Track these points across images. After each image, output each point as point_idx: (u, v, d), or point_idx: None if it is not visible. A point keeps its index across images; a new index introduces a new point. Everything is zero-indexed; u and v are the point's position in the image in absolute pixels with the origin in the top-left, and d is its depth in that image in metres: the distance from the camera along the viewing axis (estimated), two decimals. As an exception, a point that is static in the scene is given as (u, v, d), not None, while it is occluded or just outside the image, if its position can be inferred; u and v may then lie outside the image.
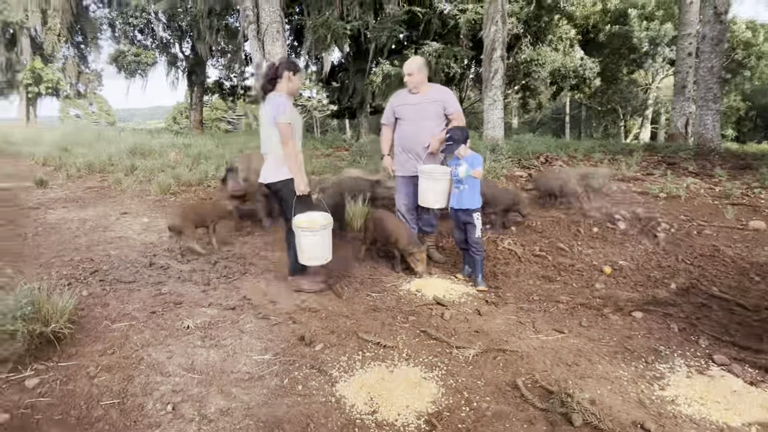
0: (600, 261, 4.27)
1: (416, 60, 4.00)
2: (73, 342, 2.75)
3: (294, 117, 3.47)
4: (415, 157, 4.02)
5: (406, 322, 3.13)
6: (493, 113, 12.17)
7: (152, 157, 10.16)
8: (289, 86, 3.49)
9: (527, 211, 5.23)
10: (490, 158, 9.02)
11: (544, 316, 3.22)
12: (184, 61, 19.54)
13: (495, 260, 4.34)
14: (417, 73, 3.95)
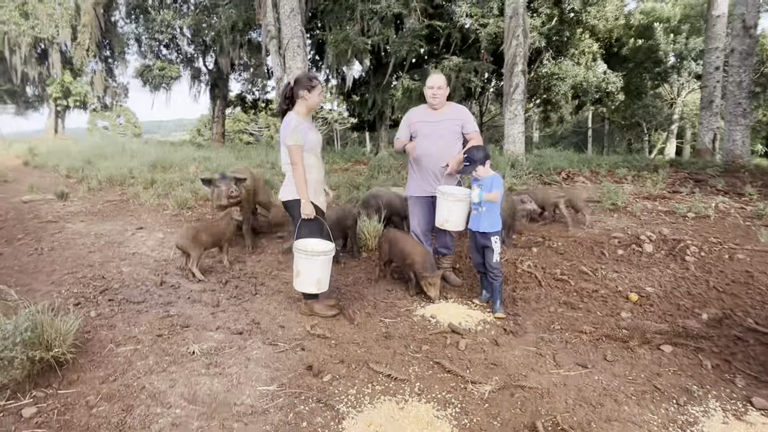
0: (625, 287, 4.06)
1: (441, 75, 3.91)
2: (75, 367, 2.68)
3: (308, 136, 3.40)
4: (433, 177, 3.90)
5: (420, 351, 2.99)
6: (513, 128, 12.03)
7: (172, 171, 10.26)
8: (306, 104, 3.46)
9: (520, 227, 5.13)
10: (510, 174, 8.85)
11: (565, 348, 3.04)
12: (207, 74, 19.86)
13: (514, 284, 4.17)
14: (445, 88, 3.87)
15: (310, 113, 3.56)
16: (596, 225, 5.85)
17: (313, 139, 3.47)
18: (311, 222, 3.43)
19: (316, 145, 3.50)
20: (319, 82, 3.50)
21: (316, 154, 3.51)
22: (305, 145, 3.37)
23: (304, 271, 3.27)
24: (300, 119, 3.43)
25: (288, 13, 12.06)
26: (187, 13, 17.56)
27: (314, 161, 3.48)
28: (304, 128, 3.41)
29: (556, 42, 17.25)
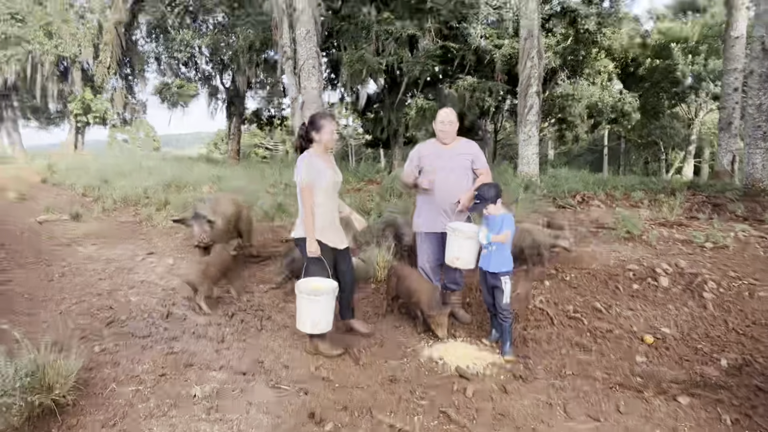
0: (640, 326, 3.93)
1: (452, 110, 3.89)
2: (75, 410, 2.65)
3: (320, 174, 3.43)
4: (442, 213, 3.84)
5: (426, 398, 2.91)
6: (527, 149, 11.94)
7: (186, 190, 10.35)
8: (320, 143, 3.52)
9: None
10: (524, 197, 8.75)
11: (577, 397, 2.93)
12: (224, 92, 20.16)
13: (525, 321, 4.07)
14: (455, 122, 3.84)
15: (328, 150, 3.58)
16: (611, 255, 5.72)
17: (327, 177, 3.47)
18: (317, 261, 3.41)
19: (329, 185, 3.50)
20: (328, 120, 3.52)
21: (328, 192, 3.50)
22: (317, 183, 3.40)
23: (303, 311, 3.24)
24: (314, 158, 3.47)
25: (304, 35, 12.20)
26: (206, 32, 17.89)
27: (323, 200, 3.47)
28: (318, 167, 3.44)
29: (571, 62, 17.20)
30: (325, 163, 3.51)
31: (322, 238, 3.47)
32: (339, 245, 3.61)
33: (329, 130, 3.49)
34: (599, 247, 6.21)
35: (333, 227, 3.57)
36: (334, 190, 3.58)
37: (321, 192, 3.44)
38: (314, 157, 3.47)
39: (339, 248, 3.61)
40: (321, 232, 3.47)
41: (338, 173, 3.65)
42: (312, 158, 3.45)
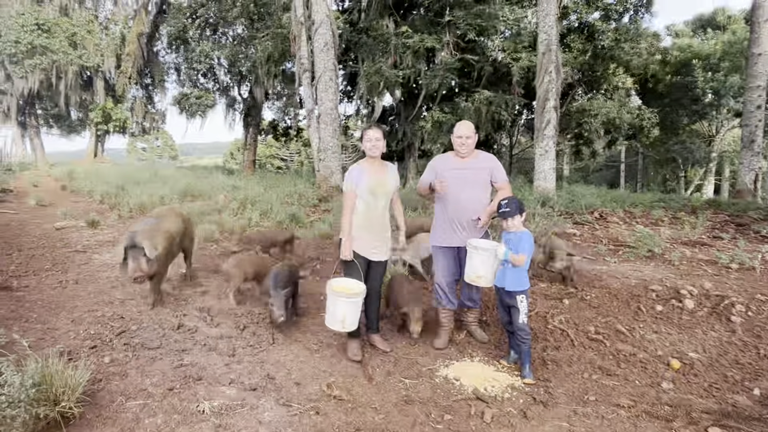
0: (666, 350, 3.77)
1: (470, 124, 3.80)
2: (81, 423, 2.58)
3: (359, 181, 3.55)
4: (459, 228, 3.75)
5: (441, 421, 2.79)
6: (544, 164, 11.81)
7: (201, 199, 10.38)
8: (365, 151, 3.68)
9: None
10: (541, 213, 8.61)
11: (601, 426, 2.79)
12: (241, 103, 20.37)
13: (544, 342, 3.93)
14: (473, 137, 3.75)
15: (372, 158, 3.66)
16: (632, 274, 5.56)
17: (363, 184, 3.56)
18: (348, 263, 3.58)
19: (364, 191, 3.57)
20: (367, 130, 3.68)
21: (364, 199, 3.59)
22: (355, 190, 3.56)
23: (331, 307, 3.37)
24: (360, 166, 3.64)
25: (321, 47, 12.27)
26: (225, 44, 18.14)
27: (360, 206, 3.59)
28: (355, 174, 3.58)
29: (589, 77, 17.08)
30: (367, 171, 3.60)
31: (353, 245, 3.57)
32: (370, 256, 3.63)
33: (367, 138, 3.62)
34: (620, 266, 6.06)
35: (367, 236, 3.60)
36: (372, 197, 3.59)
37: (359, 199, 3.59)
38: (359, 165, 3.64)
39: (371, 258, 3.64)
40: (354, 240, 3.57)
41: (386, 183, 3.65)
42: (357, 166, 3.64)
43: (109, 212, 9.00)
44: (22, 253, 6.07)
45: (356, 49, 16.44)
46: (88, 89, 19.07)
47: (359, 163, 3.68)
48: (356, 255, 3.58)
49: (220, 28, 18.59)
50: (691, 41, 19.92)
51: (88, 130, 20.32)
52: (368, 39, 15.81)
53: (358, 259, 3.59)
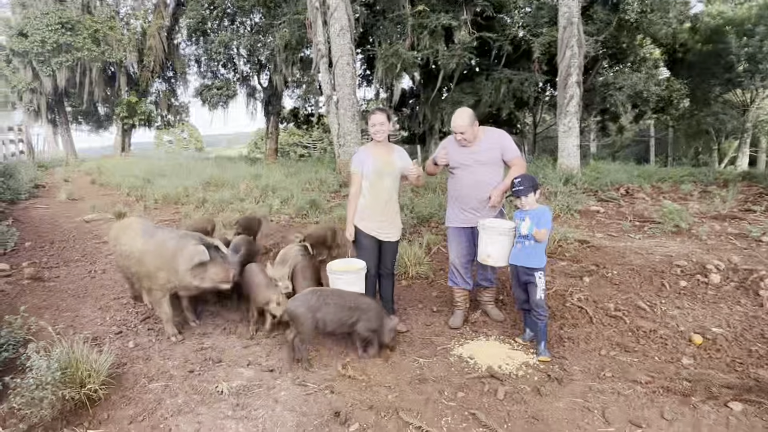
0: (688, 326, 3.69)
1: (464, 113, 3.63)
2: (107, 404, 2.70)
3: (364, 163, 3.59)
4: (471, 208, 3.71)
5: (454, 399, 2.81)
6: (568, 141, 11.54)
7: (225, 189, 10.55)
8: (370, 132, 3.71)
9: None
10: (564, 191, 8.45)
11: (617, 401, 2.76)
12: (261, 92, 20.48)
13: (562, 320, 3.89)
14: (469, 128, 3.62)
15: (377, 142, 3.67)
16: (657, 250, 5.43)
17: (369, 166, 3.59)
18: (358, 245, 3.70)
19: (371, 173, 3.60)
20: (373, 114, 3.66)
21: (371, 181, 3.61)
22: (362, 172, 3.60)
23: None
24: (366, 148, 3.69)
25: (337, 32, 12.19)
26: (243, 33, 18.19)
27: (367, 188, 3.63)
28: (362, 157, 3.62)
29: (614, 49, 16.51)
30: (373, 153, 3.63)
31: (360, 225, 3.64)
32: (380, 236, 3.66)
33: (371, 122, 3.63)
34: (645, 242, 5.92)
35: (376, 216, 3.63)
36: (378, 176, 3.59)
37: (365, 180, 3.61)
38: (366, 147, 3.69)
39: (381, 239, 3.67)
40: (361, 220, 3.64)
41: (392, 164, 3.65)
42: (363, 149, 3.69)
43: (135, 204, 9.24)
44: (54, 245, 6.30)
45: (373, 32, 16.28)
46: (112, 84, 19.45)
47: (365, 146, 3.70)
48: (366, 235, 3.62)
49: (238, 18, 18.62)
50: (723, 7, 18.99)
51: (114, 125, 20.77)
52: (385, 21, 15.63)
53: (367, 239, 3.63)
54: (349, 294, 3.31)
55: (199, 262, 3.28)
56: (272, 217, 7.68)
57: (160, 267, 3.36)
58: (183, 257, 3.29)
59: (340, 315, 3.17)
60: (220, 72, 19.99)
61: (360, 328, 3.21)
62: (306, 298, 3.17)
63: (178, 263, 3.31)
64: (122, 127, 19.79)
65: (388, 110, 3.82)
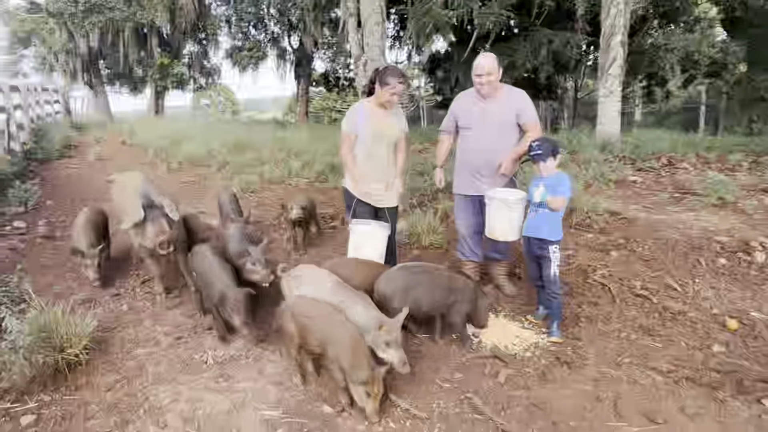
0: (723, 309, 3.32)
1: (490, 57, 3.32)
2: (87, 369, 2.61)
3: (360, 127, 3.30)
4: (477, 175, 3.39)
5: (450, 380, 2.59)
6: (608, 106, 10.85)
7: (249, 151, 10.44)
8: (377, 97, 3.33)
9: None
10: (597, 159, 7.93)
11: (632, 391, 2.48)
12: (292, 54, 20.15)
13: (581, 297, 3.58)
14: (495, 72, 3.29)
15: (383, 106, 3.34)
16: (695, 225, 4.99)
17: (366, 128, 3.31)
18: (357, 209, 3.41)
19: (367, 138, 3.33)
20: (396, 79, 3.23)
21: (366, 145, 3.35)
22: (357, 133, 3.32)
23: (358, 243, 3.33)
24: (363, 108, 3.37)
25: (366, -11, 11.68)
26: (273, -9, 17.80)
27: (361, 152, 3.37)
28: (358, 118, 3.32)
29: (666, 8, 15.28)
30: (371, 115, 3.32)
31: (355, 191, 3.38)
32: (375, 203, 3.42)
33: (391, 92, 3.23)
34: (683, 216, 5.47)
35: (371, 182, 3.36)
36: (376, 144, 3.35)
37: (360, 143, 3.35)
38: (362, 107, 3.37)
39: (376, 206, 3.44)
40: (354, 184, 3.39)
41: (390, 128, 3.37)
42: (359, 108, 3.37)
43: (160, 165, 9.25)
44: (74, 204, 6.33)
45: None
46: (145, 46, 19.49)
47: (364, 104, 3.36)
48: (360, 203, 3.37)
49: (269, -25, 18.22)
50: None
51: (148, 88, 20.94)
52: (417, -23, 14.89)
53: (362, 206, 3.39)
54: (444, 271, 3.00)
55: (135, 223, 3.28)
56: (289, 182, 7.53)
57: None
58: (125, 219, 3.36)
59: (436, 295, 2.85)
60: (251, 33, 19.73)
61: (454, 311, 2.89)
62: (397, 276, 2.85)
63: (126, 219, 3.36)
64: (155, 89, 19.93)
65: (409, 78, 3.46)
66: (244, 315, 2.72)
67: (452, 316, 2.90)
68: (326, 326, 2.38)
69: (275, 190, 7.11)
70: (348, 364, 2.22)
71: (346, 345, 2.26)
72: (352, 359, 2.22)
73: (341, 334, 2.31)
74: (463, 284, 2.94)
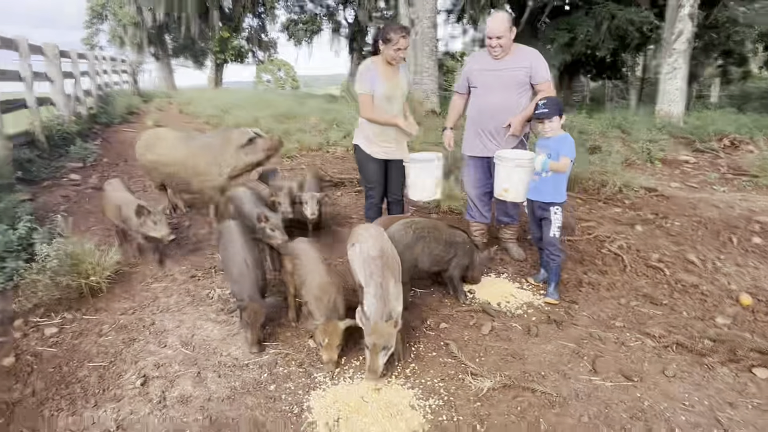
0: (741, 285, 3.18)
1: (502, 17, 3.26)
2: (108, 296, 2.90)
3: (374, 85, 3.30)
4: (489, 136, 3.37)
5: (436, 329, 2.66)
6: (671, 83, 10.25)
7: (294, 121, 10.72)
8: (383, 55, 3.34)
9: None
10: (647, 137, 7.56)
11: (616, 351, 2.45)
12: (347, 28, 20.26)
13: (590, 265, 3.51)
14: (507, 33, 3.24)
15: (390, 63, 3.36)
16: (739, 204, 4.72)
17: (379, 88, 3.33)
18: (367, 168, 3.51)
19: (380, 96, 3.35)
20: (398, 34, 3.24)
21: (379, 103, 3.36)
22: (373, 94, 3.33)
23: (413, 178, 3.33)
24: (371, 67, 3.37)
25: (417, -42, 11.51)
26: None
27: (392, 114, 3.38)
28: (369, 77, 3.33)
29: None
30: (382, 74, 3.34)
31: (368, 148, 3.44)
32: (387, 156, 3.48)
33: (395, 47, 3.25)
34: (728, 196, 5.19)
35: (382, 138, 3.42)
36: (388, 102, 3.38)
37: (388, 104, 3.36)
38: (371, 66, 3.36)
39: (387, 158, 3.49)
40: (367, 143, 3.44)
41: (400, 86, 3.41)
42: (368, 67, 3.36)
43: (209, 130, 9.70)
44: (127, 163, 6.82)
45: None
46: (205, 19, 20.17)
47: (370, 65, 3.35)
48: (370, 158, 3.43)
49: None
50: None
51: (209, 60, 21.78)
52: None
53: (372, 163, 3.45)
54: (444, 227, 3.04)
55: (248, 139, 3.71)
56: (327, 149, 7.72)
57: (211, 162, 3.72)
58: (232, 139, 3.75)
59: (437, 251, 2.90)
60: (307, 6, 19.98)
61: (452, 266, 2.95)
62: (401, 234, 2.83)
63: (230, 148, 3.72)
64: (215, 62, 20.68)
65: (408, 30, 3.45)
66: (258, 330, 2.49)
67: (450, 269, 2.96)
68: (304, 269, 2.53)
69: (313, 157, 7.31)
70: (311, 307, 2.37)
71: (313, 289, 2.39)
72: (315, 303, 2.35)
73: (312, 278, 2.45)
74: (461, 239, 2.98)
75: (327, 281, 2.40)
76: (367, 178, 3.52)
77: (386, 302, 2.18)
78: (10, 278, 2.81)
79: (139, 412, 1.99)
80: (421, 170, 3.24)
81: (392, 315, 2.16)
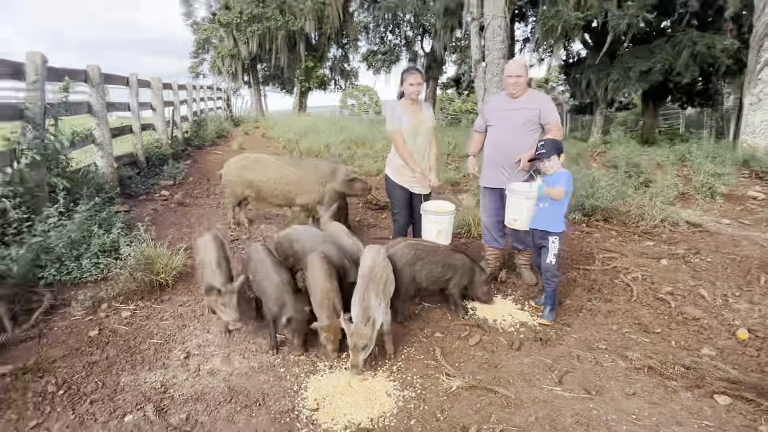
0: (748, 322, 3.24)
1: (520, 60, 3.69)
2: (173, 290, 3.60)
3: (400, 119, 3.78)
4: (502, 169, 3.72)
5: (430, 336, 3.05)
6: (756, 115, 9.83)
7: (363, 147, 11.46)
8: (405, 92, 3.83)
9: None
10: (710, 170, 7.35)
11: (586, 370, 2.69)
12: (423, 57, 21.04)
13: (597, 293, 3.70)
14: (524, 74, 3.64)
15: (411, 100, 3.85)
16: (785, 243, 4.62)
17: (404, 123, 3.81)
18: (395, 198, 4.00)
19: (406, 130, 3.82)
20: (409, 74, 3.79)
21: (406, 140, 3.83)
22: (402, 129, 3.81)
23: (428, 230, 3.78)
24: (395, 105, 3.87)
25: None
26: (408, 0, 18.81)
27: (417, 147, 3.87)
28: (398, 114, 3.81)
29: None
30: (405, 110, 3.83)
31: (396, 178, 3.91)
32: (412, 189, 3.92)
33: (407, 83, 3.77)
34: (779, 234, 5.06)
35: (410, 173, 3.88)
36: (413, 135, 3.84)
37: (415, 138, 3.83)
38: (396, 105, 3.87)
39: (412, 191, 3.95)
40: (396, 173, 3.92)
41: (423, 121, 3.87)
42: (393, 106, 3.88)
43: (285, 154, 10.66)
44: (210, 182, 7.80)
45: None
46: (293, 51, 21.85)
47: (395, 105, 3.84)
48: (397, 186, 3.92)
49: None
50: None
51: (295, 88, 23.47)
52: (548, -21, 14.67)
53: (399, 190, 3.93)
54: (443, 250, 3.38)
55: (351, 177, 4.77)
56: (384, 174, 8.26)
57: (319, 181, 4.78)
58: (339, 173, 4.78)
59: (435, 270, 3.26)
60: (387, 38, 21.04)
61: (452, 285, 3.33)
62: (404, 252, 3.22)
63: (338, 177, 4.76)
64: (300, 89, 22.26)
65: (421, 71, 3.94)
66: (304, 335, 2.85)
67: (450, 288, 3.34)
68: (310, 278, 2.93)
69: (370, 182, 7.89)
70: (316, 310, 2.81)
71: (317, 296, 2.82)
72: (318, 308, 2.79)
73: (315, 286, 2.84)
74: (460, 261, 3.36)
75: (327, 288, 2.87)
76: (394, 204, 3.99)
77: (365, 311, 2.60)
78: (102, 271, 3.60)
79: (178, 378, 2.58)
80: (427, 221, 3.71)
81: (370, 320, 2.57)
